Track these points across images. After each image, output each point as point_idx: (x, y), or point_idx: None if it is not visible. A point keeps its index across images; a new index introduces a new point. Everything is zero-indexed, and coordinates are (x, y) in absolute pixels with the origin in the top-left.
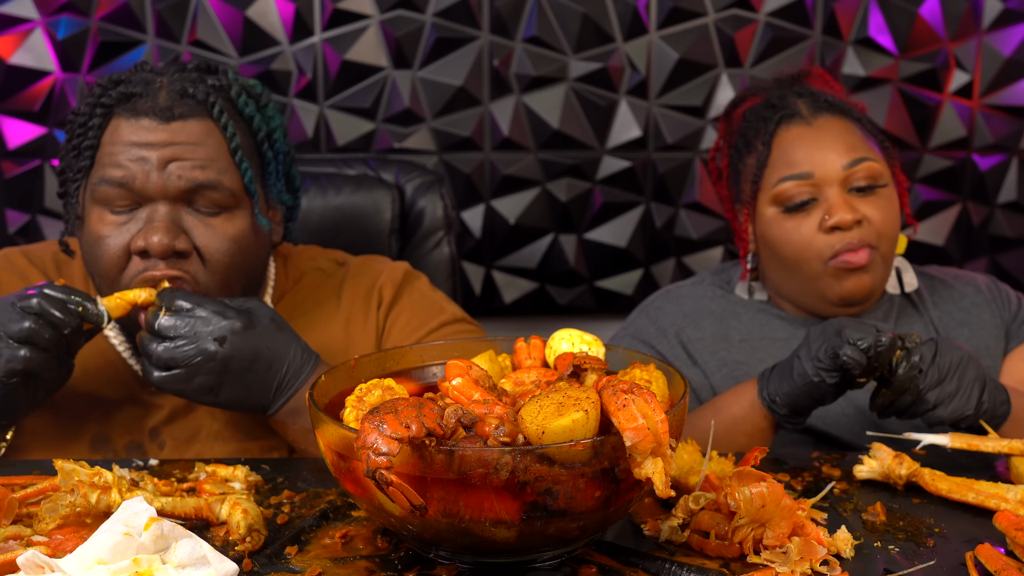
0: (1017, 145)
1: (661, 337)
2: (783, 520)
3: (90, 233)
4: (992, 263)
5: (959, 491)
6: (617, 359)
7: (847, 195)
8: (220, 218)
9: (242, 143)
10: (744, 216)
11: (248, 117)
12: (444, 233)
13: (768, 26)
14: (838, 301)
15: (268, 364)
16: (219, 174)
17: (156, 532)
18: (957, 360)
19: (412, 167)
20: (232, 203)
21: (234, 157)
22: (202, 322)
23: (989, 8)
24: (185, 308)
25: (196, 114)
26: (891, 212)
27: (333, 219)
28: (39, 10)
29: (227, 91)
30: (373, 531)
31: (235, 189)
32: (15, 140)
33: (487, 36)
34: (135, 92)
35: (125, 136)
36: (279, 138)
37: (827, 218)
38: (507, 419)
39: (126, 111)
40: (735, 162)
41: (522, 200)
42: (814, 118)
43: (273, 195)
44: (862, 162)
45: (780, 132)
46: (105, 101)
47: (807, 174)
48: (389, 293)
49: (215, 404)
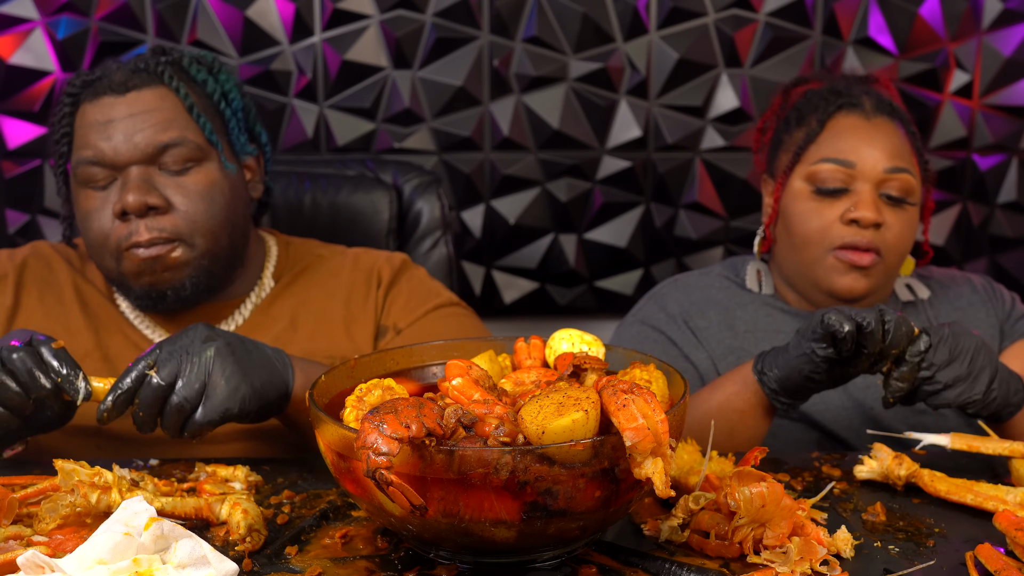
0: (1017, 145)
1: (671, 323)
2: (783, 520)
3: (80, 212)
4: (992, 263)
5: (958, 492)
6: (617, 359)
7: (878, 197)
8: (190, 173)
9: (197, 102)
10: (776, 186)
11: (201, 81)
12: (442, 233)
13: (768, 26)
14: (830, 293)
15: (254, 344)
16: (181, 131)
17: (156, 532)
18: (970, 345)
19: (410, 168)
20: (199, 155)
21: (191, 113)
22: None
23: (989, 8)
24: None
25: (150, 83)
26: (910, 230)
27: (331, 219)
28: (39, 10)
29: (178, 62)
30: (373, 531)
31: (199, 142)
32: (15, 140)
33: (487, 36)
34: (95, 77)
35: (90, 117)
36: (235, 97)
37: (852, 209)
38: (507, 419)
39: (89, 95)
40: (780, 133)
41: (522, 200)
42: (874, 115)
43: (238, 148)
44: (902, 172)
45: (838, 116)
46: (71, 91)
47: (850, 163)
48: (388, 274)
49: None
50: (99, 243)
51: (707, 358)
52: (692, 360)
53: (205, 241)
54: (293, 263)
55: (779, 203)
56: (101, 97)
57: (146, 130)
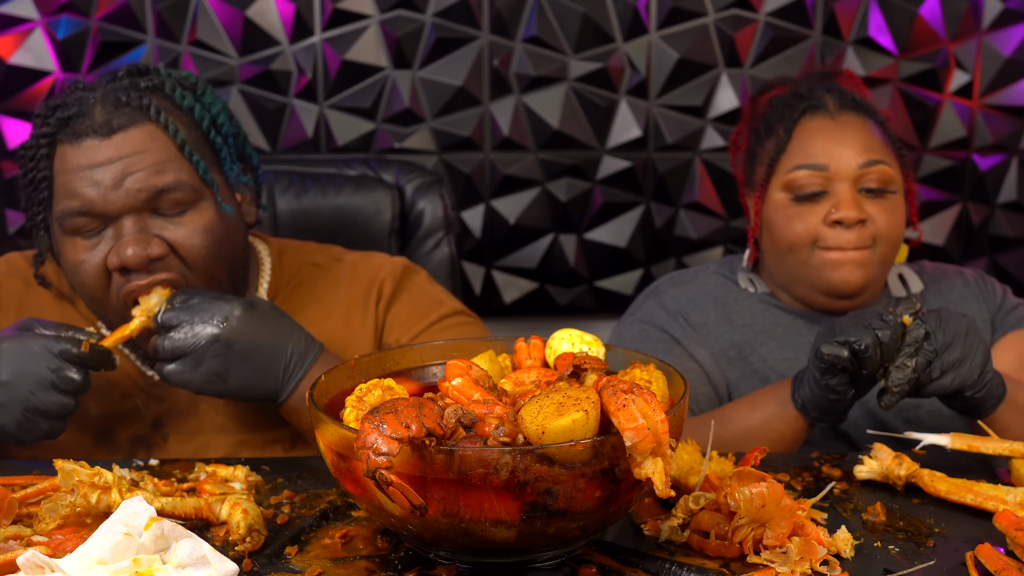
0: (1017, 145)
1: (672, 320)
2: (783, 520)
3: (67, 262)
4: (992, 263)
5: (958, 492)
6: (617, 359)
7: (857, 194)
8: (187, 215)
9: (188, 136)
10: (755, 199)
11: (188, 109)
12: (444, 233)
13: (768, 26)
14: (827, 290)
15: (272, 346)
16: (175, 173)
17: (156, 532)
18: (964, 327)
19: (412, 167)
20: (195, 197)
21: (183, 152)
22: (202, 308)
23: (989, 8)
24: (185, 300)
25: (135, 121)
26: (896, 218)
27: (333, 219)
28: (39, 10)
29: (161, 89)
30: (373, 531)
31: (195, 184)
32: (15, 140)
33: (487, 36)
34: (72, 114)
35: (73, 162)
36: (224, 122)
37: (833, 211)
38: (507, 419)
39: (68, 136)
40: (753, 145)
41: (522, 200)
42: (839, 114)
43: (232, 179)
44: (877, 164)
45: (803, 121)
46: (47, 130)
47: (822, 166)
48: (389, 288)
49: (226, 393)
50: (97, 298)
51: (709, 355)
52: (696, 358)
53: (202, 278)
54: (288, 277)
55: (760, 216)
56: (83, 140)
57: (138, 175)
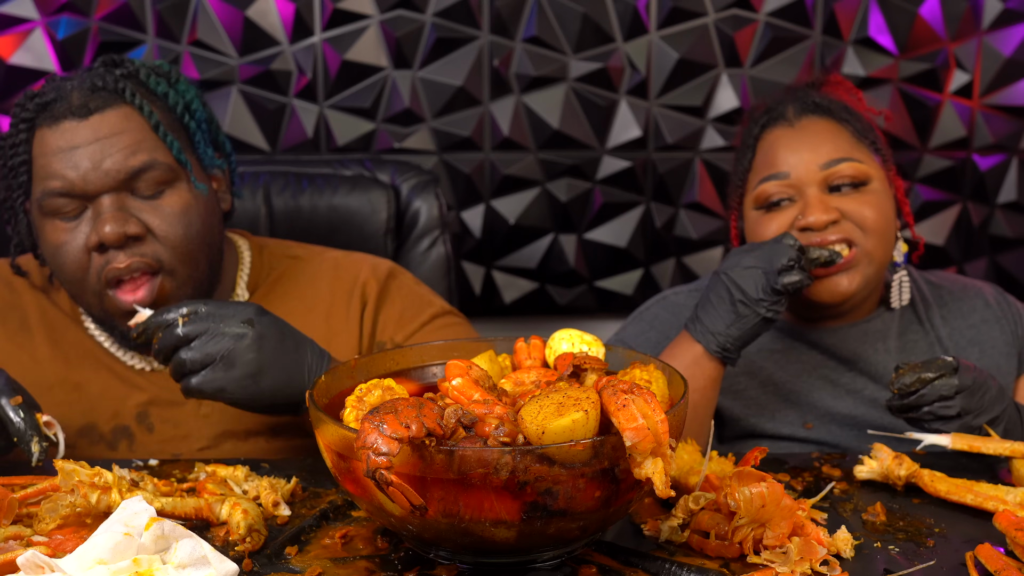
0: (1017, 145)
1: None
2: (783, 520)
3: (48, 245)
4: (992, 263)
5: (958, 493)
6: (617, 359)
7: (825, 195)
8: (164, 196)
9: (162, 119)
10: (732, 220)
11: (162, 94)
12: (440, 233)
13: (768, 26)
14: (818, 304)
15: (295, 344)
16: (151, 153)
17: (156, 532)
18: (991, 398)
19: (408, 167)
20: (171, 177)
21: (158, 132)
22: (218, 313)
23: (989, 8)
24: (196, 311)
25: (111, 103)
26: (878, 209)
27: (329, 219)
28: (39, 10)
29: (136, 76)
30: (373, 531)
31: (170, 163)
32: None
33: (487, 36)
34: (50, 100)
35: (51, 144)
36: (197, 108)
37: (800, 217)
38: (507, 419)
39: (46, 120)
40: (733, 167)
41: (522, 200)
42: (798, 120)
43: (207, 162)
44: (841, 162)
45: (764, 135)
46: (25, 116)
47: (784, 174)
48: (374, 291)
49: (258, 395)
50: (76, 279)
51: None
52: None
53: (186, 268)
54: (268, 269)
55: (738, 237)
56: (61, 122)
57: (115, 155)
